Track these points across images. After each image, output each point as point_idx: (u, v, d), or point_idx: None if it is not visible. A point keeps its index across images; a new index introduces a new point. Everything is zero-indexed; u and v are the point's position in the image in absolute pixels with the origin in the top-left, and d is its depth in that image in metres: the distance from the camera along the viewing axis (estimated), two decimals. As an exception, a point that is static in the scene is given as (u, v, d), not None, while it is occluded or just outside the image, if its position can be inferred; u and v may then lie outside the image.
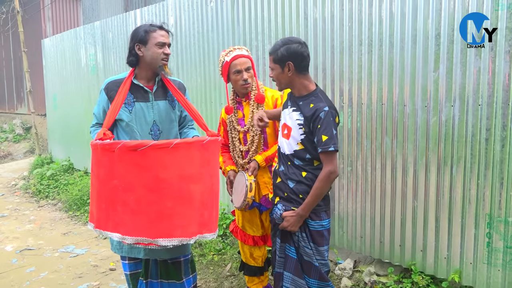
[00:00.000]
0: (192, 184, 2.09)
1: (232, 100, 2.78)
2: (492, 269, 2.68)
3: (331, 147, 2.13)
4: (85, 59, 6.87)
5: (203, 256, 3.90)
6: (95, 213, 2.20)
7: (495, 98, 2.58)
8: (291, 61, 2.20)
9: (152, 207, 2.04)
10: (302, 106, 2.25)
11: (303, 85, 2.28)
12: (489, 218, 2.67)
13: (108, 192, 2.11)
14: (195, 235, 2.09)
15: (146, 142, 2.03)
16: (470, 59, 2.64)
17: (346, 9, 3.20)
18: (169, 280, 2.65)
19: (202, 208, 2.14)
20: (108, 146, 2.09)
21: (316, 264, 2.25)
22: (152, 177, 2.03)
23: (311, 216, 2.25)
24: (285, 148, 2.32)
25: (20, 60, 10.05)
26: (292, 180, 2.28)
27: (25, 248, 4.47)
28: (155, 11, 5.14)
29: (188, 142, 2.13)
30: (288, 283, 2.31)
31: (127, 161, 2.04)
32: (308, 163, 2.25)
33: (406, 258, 3.06)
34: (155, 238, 2.03)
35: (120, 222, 2.07)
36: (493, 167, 2.62)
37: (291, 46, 2.20)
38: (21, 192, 6.91)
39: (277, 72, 2.28)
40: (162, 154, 2.02)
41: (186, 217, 2.08)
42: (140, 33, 2.38)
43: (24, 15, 9.27)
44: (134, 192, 2.04)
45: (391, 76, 3.00)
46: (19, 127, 10.68)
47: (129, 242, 2.06)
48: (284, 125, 2.34)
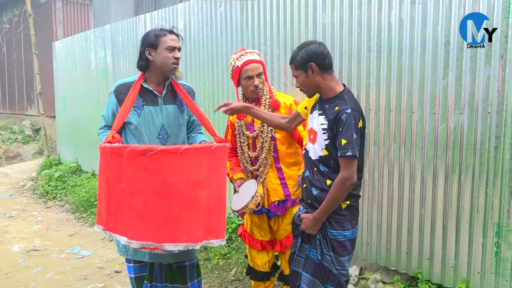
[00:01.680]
0: (200, 190, 2.09)
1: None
2: (500, 279, 2.64)
3: (349, 152, 2.03)
4: (95, 62, 6.92)
5: (208, 260, 3.89)
6: (104, 216, 2.21)
7: (504, 106, 2.55)
8: (313, 62, 2.14)
9: (159, 211, 2.04)
10: (327, 109, 2.18)
11: (329, 87, 2.20)
12: (498, 227, 2.63)
13: (116, 196, 2.12)
14: (201, 240, 2.09)
15: (154, 147, 2.04)
16: (479, 66, 2.63)
17: (355, 15, 3.20)
18: (174, 284, 2.64)
19: (209, 214, 2.13)
20: (117, 149, 2.10)
21: (335, 272, 2.20)
22: (160, 181, 2.03)
23: (332, 225, 2.18)
24: (311, 153, 2.26)
25: (31, 62, 10.16)
26: (316, 187, 2.20)
27: (32, 249, 4.50)
28: (164, 15, 5.18)
29: (196, 148, 2.13)
30: (305, 284, 2.27)
31: (136, 165, 2.05)
32: (333, 170, 2.16)
33: (412, 266, 3.03)
34: (161, 243, 2.03)
35: (127, 225, 2.08)
36: (502, 176, 2.59)
37: (309, 47, 2.17)
38: (29, 193, 6.96)
39: (302, 78, 2.21)
40: (171, 159, 2.03)
41: (192, 223, 2.07)
42: (150, 38, 2.39)
43: (35, 18, 9.38)
44: (141, 196, 2.05)
45: (400, 83, 2.99)
46: (29, 128, 10.78)
47: (135, 247, 2.07)
48: (311, 129, 2.28)
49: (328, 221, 2.18)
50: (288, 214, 2.66)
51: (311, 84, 2.21)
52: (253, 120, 2.68)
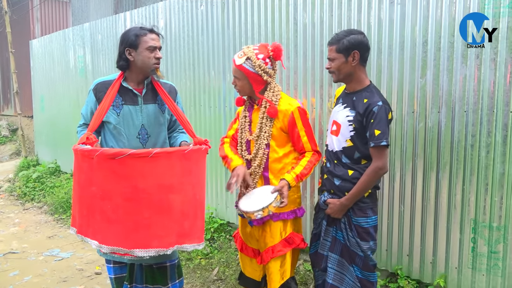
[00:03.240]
0: (172, 194, 2.04)
1: (246, 101, 2.60)
2: (476, 274, 2.71)
3: (384, 142, 2.15)
4: (74, 61, 6.81)
5: (190, 260, 3.87)
6: (77, 218, 2.17)
7: (480, 105, 2.61)
8: (358, 50, 2.20)
9: (129, 217, 2.00)
10: (355, 101, 2.26)
11: (360, 79, 2.29)
12: (474, 223, 2.70)
13: (87, 199, 2.08)
14: (172, 245, 2.04)
15: (124, 151, 1.98)
16: (456, 66, 2.68)
17: (335, 15, 3.23)
18: (155, 285, 2.62)
19: (182, 219, 2.08)
20: (87, 152, 2.05)
21: (361, 254, 2.32)
22: (130, 186, 1.99)
23: (356, 212, 2.30)
24: (334, 145, 2.35)
25: (7, 61, 9.92)
26: (339, 177, 2.32)
27: (9, 252, 4.39)
28: (145, 13, 5.13)
29: (168, 152, 2.07)
30: (334, 265, 2.38)
31: (106, 169, 2.00)
32: (356, 161, 2.28)
33: (392, 262, 3.08)
34: (131, 249, 1.99)
35: (98, 229, 2.04)
36: (478, 173, 2.65)
37: (357, 36, 2.21)
38: (6, 194, 6.80)
39: (339, 62, 2.25)
40: (141, 163, 1.98)
41: (164, 228, 2.03)
42: (130, 37, 2.34)
43: (12, 15, 9.17)
44: (111, 201, 2.00)
45: (379, 82, 3.03)
46: (5, 128, 10.53)
47: (105, 251, 2.03)
48: (334, 122, 2.36)
49: (352, 209, 2.32)
50: (267, 227, 2.47)
51: (346, 70, 2.27)
52: (250, 121, 2.53)
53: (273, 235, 2.47)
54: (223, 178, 4.35)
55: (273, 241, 2.47)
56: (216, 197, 4.47)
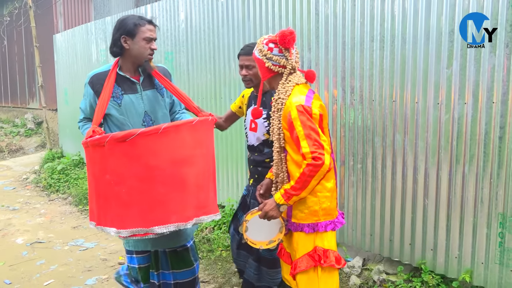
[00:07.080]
0: (185, 168, 2.05)
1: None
2: (504, 270, 2.64)
3: None
4: (96, 54, 6.90)
5: (211, 252, 3.90)
6: (95, 211, 2.19)
7: (509, 96, 2.53)
8: None
9: (144, 196, 2.01)
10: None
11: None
12: (502, 217, 2.62)
13: (103, 188, 2.10)
14: (191, 219, 2.06)
15: (134, 131, 1.99)
16: (484, 55, 2.60)
17: (358, 5, 3.16)
18: (181, 269, 2.65)
19: (198, 191, 2.09)
20: (97, 141, 2.06)
21: None
22: (143, 165, 2.00)
23: None
24: None
25: (32, 55, 10.13)
26: None
27: (36, 241, 4.51)
28: (165, 6, 5.14)
29: (177, 125, 2.09)
30: None
31: (117, 153, 2.01)
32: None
33: (416, 257, 3.03)
34: (150, 227, 2.00)
35: (115, 216, 2.06)
36: (506, 166, 2.58)
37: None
38: (32, 186, 6.97)
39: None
40: (152, 141, 1.99)
41: (181, 202, 2.04)
42: (128, 25, 2.33)
43: (36, 10, 9.33)
44: (125, 184, 2.02)
45: (403, 73, 2.97)
46: (31, 121, 10.78)
47: (125, 235, 2.05)
48: None
49: None
50: (291, 238, 2.20)
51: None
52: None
53: (295, 246, 2.16)
54: (244, 170, 4.35)
55: (296, 254, 2.15)
56: (237, 190, 4.47)
